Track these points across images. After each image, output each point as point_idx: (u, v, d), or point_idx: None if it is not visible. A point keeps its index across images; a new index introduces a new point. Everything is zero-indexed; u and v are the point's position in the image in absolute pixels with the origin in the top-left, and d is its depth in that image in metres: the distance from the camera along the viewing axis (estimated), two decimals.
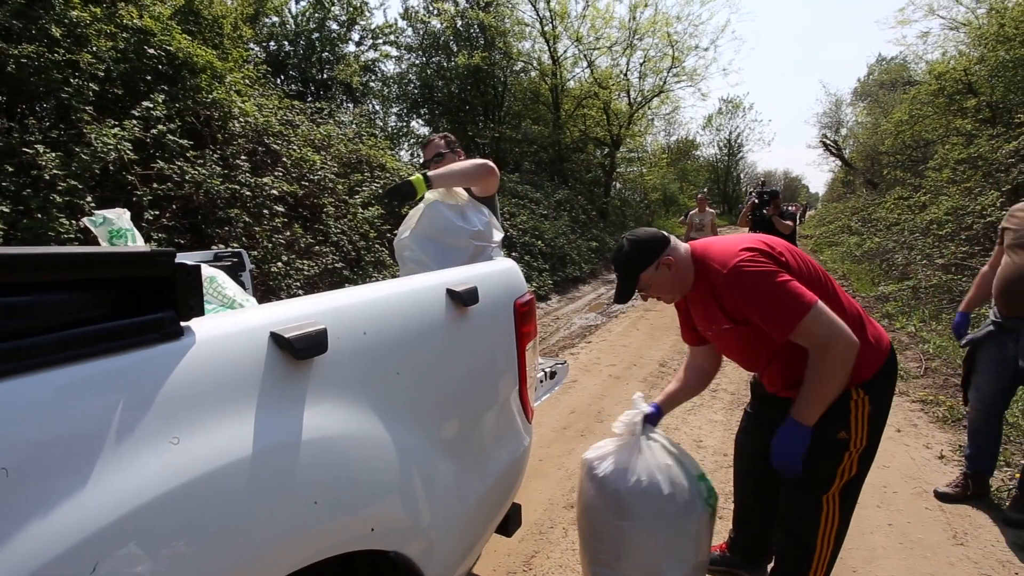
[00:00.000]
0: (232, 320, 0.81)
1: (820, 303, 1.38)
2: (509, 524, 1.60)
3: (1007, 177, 7.31)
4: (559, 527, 2.40)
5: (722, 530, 2.34)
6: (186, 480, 0.68)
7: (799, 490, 1.61)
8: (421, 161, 2.50)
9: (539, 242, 9.66)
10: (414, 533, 1.07)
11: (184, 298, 0.72)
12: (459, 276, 1.30)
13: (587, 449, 1.82)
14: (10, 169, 3.28)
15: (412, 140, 15.16)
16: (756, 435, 1.89)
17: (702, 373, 1.88)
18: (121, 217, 1.45)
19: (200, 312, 0.75)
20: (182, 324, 0.73)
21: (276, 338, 0.82)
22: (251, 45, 9.36)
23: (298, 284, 4.81)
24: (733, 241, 1.55)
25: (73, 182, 3.48)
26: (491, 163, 2.13)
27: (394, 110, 15.30)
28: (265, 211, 4.96)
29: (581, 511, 1.75)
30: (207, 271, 1.55)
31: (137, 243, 1.52)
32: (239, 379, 0.77)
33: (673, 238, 1.66)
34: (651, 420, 1.77)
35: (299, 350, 0.82)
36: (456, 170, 2.06)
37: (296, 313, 0.88)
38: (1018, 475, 2.46)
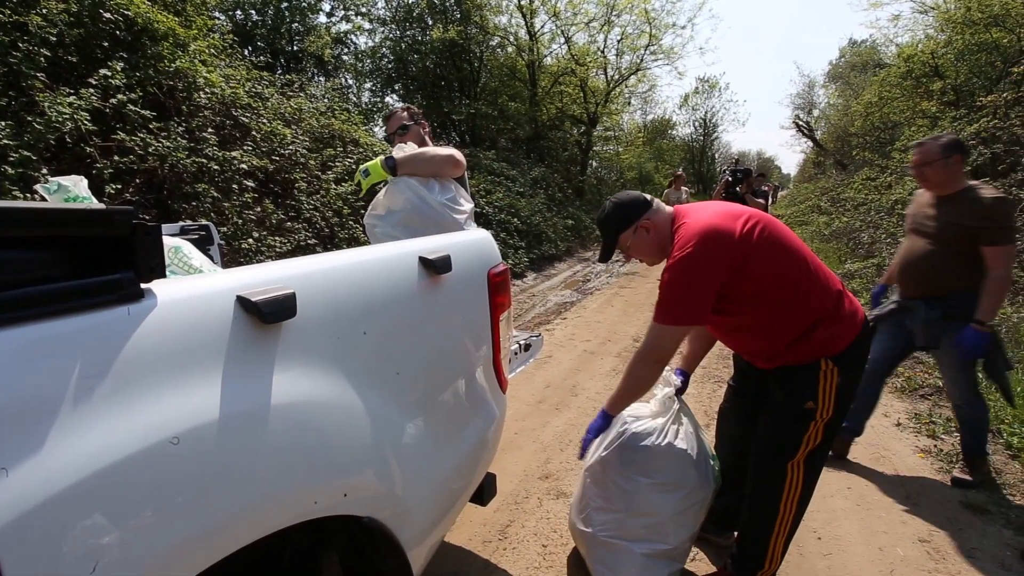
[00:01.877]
0: (196, 283, 0.79)
1: (682, 327, 1.52)
2: (484, 493, 1.63)
3: (967, 159, 7.53)
4: (534, 497, 2.45)
5: None
6: (147, 446, 0.67)
7: (765, 456, 1.67)
8: (384, 134, 2.42)
9: (515, 219, 9.63)
10: (388, 499, 1.08)
11: (144, 259, 0.70)
12: (432, 244, 1.29)
13: (566, 421, 1.90)
14: None
15: (386, 115, 14.82)
16: (738, 407, 1.96)
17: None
18: (78, 184, 1.38)
19: (161, 274, 0.73)
20: (142, 286, 0.71)
21: (242, 301, 0.80)
22: (216, 13, 8.97)
23: (270, 261, 4.71)
24: (709, 217, 1.52)
25: (26, 153, 3.31)
26: (459, 154, 2.05)
27: (368, 85, 14.94)
28: (234, 186, 4.81)
29: (598, 463, 1.82)
30: (171, 241, 1.50)
31: None
32: (203, 343, 0.76)
33: (657, 203, 1.67)
34: (680, 391, 1.93)
35: (266, 314, 0.81)
36: (424, 157, 1.97)
37: (264, 277, 0.87)
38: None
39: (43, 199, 1.38)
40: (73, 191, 1.35)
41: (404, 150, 1.88)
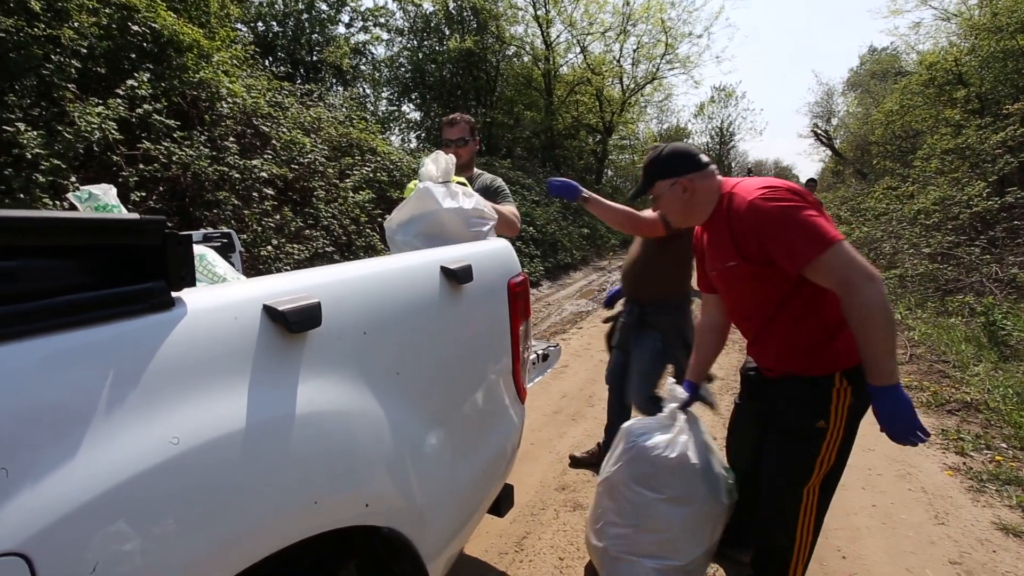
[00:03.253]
0: (224, 292, 0.80)
1: (846, 242, 1.29)
2: (501, 504, 1.61)
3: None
4: (550, 509, 2.42)
5: None
6: (176, 454, 0.67)
7: (778, 481, 1.59)
8: (443, 137, 2.44)
9: (530, 228, 9.65)
10: (408, 510, 1.07)
11: (175, 268, 0.71)
12: (453, 254, 1.29)
13: (582, 432, 1.85)
14: None
15: (403, 124, 15.00)
16: (745, 428, 1.86)
17: (715, 331, 1.84)
18: (107, 193, 1.41)
19: (192, 283, 0.73)
20: (173, 295, 0.72)
21: (269, 311, 0.81)
22: (239, 25, 9.17)
23: (288, 268, 4.76)
24: (766, 179, 1.47)
25: (56, 161, 3.40)
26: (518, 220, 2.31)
27: (385, 94, 15.12)
28: (254, 194, 4.89)
29: (607, 478, 1.78)
30: (197, 249, 1.52)
31: None
32: (231, 352, 0.76)
33: (712, 168, 1.55)
34: (688, 403, 1.82)
35: (292, 323, 0.81)
36: (509, 217, 2.17)
37: (290, 287, 0.87)
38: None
39: (73, 207, 1.41)
40: (103, 199, 1.38)
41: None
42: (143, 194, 3.98)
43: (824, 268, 1.29)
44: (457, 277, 1.22)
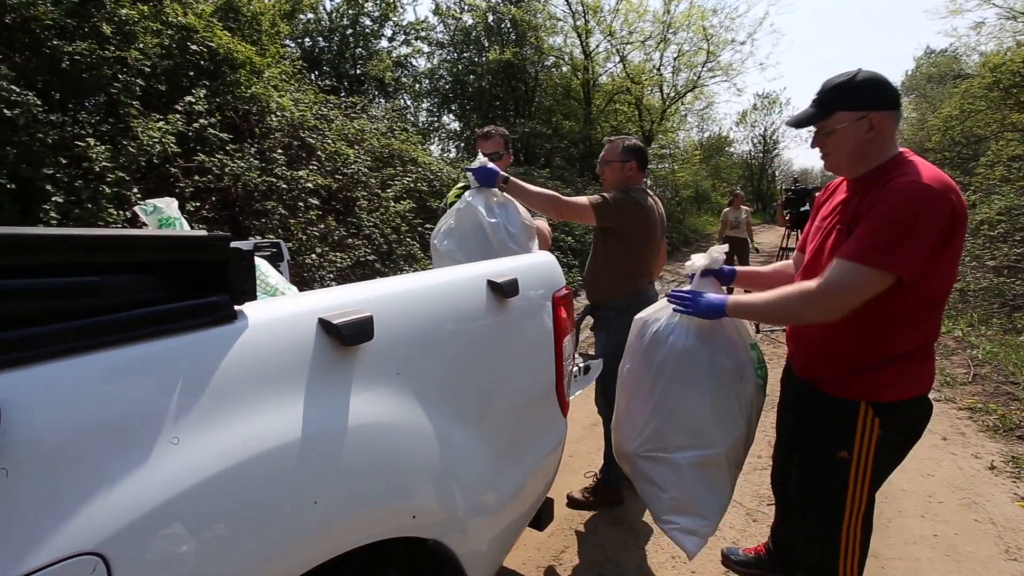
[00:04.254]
0: (282, 305, 0.82)
1: (879, 274, 1.17)
2: (541, 518, 1.60)
3: (644, 168, 6.89)
4: (589, 523, 2.38)
5: (756, 533, 2.30)
6: (235, 463, 0.69)
7: (816, 520, 1.49)
8: (480, 153, 2.42)
9: (569, 238, 9.60)
10: (453, 522, 1.07)
11: (238, 282, 0.73)
12: (500, 268, 1.30)
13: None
14: (63, 161, 3.42)
15: (443, 135, 15.24)
16: (780, 446, 1.78)
17: (786, 272, 1.69)
18: (170, 206, 1.49)
19: (253, 296, 0.76)
20: (235, 308, 0.74)
21: (324, 324, 0.82)
22: (288, 41, 9.55)
23: (331, 276, 4.89)
24: (943, 173, 1.26)
25: (121, 174, 3.61)
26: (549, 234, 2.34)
27: (425, 105, 15.43)
28: (300, 203, 5.05)
29: (627, 375, 1.69)
30: None
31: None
32: (289, 364, 0.78)
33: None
34: (721, 279, 1.66)
35: (346, 336, 0.83)
36: (543, 233, 2.16)
37: (343, 300, 0.89)
38: None
39: (136, 217, 1.49)
40: (166, 212, 1.46)
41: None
42: (197, 204, 4.17)
43: (838, 269, 1.22)
44: (503, 291, 1.22)
